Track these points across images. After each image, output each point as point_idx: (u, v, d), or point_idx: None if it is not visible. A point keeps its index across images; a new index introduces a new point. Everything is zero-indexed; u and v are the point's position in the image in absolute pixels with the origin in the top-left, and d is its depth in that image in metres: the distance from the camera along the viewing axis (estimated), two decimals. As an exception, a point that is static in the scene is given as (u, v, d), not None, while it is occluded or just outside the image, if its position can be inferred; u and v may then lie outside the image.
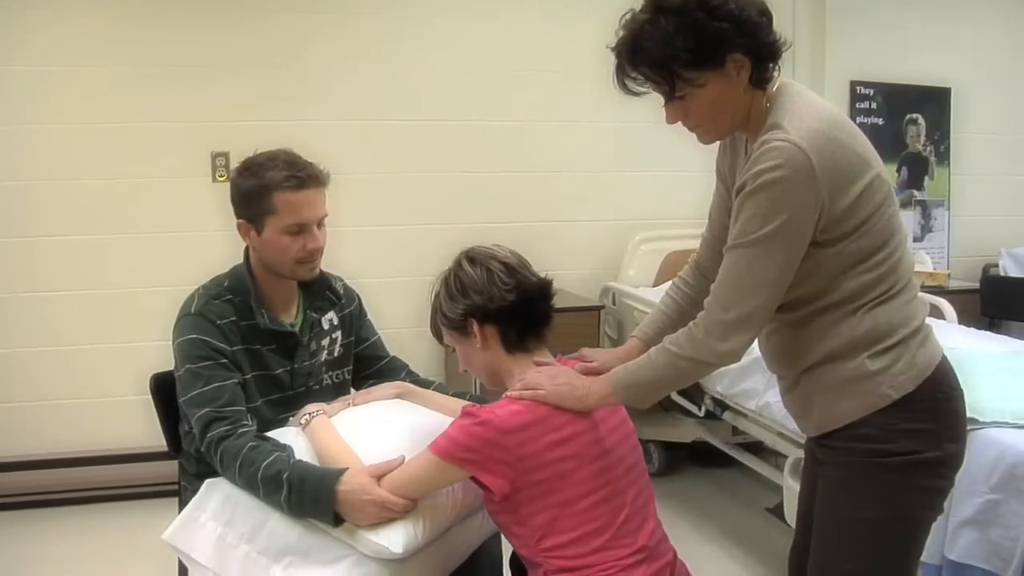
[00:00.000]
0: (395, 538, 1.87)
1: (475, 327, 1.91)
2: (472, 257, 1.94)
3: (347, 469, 1.91)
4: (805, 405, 1.86)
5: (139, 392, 2.61)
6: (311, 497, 1.90)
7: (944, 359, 1.79)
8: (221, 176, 4.15)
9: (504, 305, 1.89)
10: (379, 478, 1.89)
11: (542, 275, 1.98)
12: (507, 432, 1.77)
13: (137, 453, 4.12)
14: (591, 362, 2.00)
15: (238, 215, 2.24)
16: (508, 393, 1.85)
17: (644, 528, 1.88)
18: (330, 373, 2.43)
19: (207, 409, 2.10)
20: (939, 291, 4.35)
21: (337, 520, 1.89)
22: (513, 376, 1.93)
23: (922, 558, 1.87)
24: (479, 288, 1.90)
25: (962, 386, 1.80)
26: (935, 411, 1.74)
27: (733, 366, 3.37)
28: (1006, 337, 3.57)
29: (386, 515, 1.87)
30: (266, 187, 2.15)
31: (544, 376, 1.84)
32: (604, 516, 1.82)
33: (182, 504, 2.12)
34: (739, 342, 1.72)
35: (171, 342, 2.22)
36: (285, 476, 1.92)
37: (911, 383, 1.72)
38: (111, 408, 4.21)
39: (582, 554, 1.80)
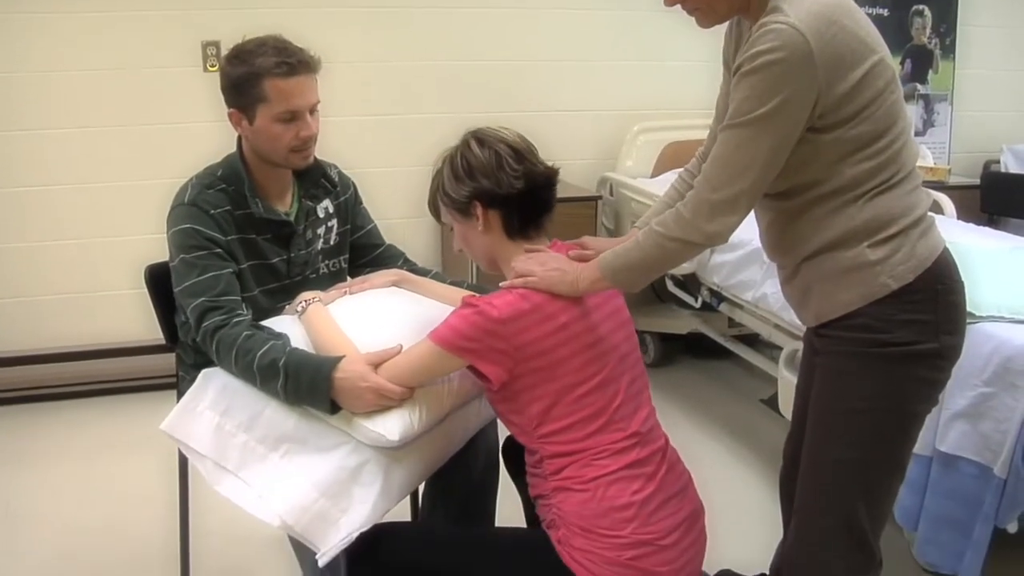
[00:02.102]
0: (391, 426, 1.88)
1: (479, 210, 1.90)
2: (481, 139, 1.92)
3: (344, 357, 1.91)
4: (804, 295, 1.85)
5: (134, 285, 2.60)
6: (308, 384, 1.90)
7: (946, 251, 1.78)
8: (212, 66, 4.07)
9: (512, 192, 1.89)
10: (376, 366, 1.90)
11: (548, 163, 1.96)
12: (504, 322, 1.77)
13: (135, 346, 4.13)
14: (589, 250, 1.99)
15: (229, 104, 2.20)
16: (501, 284, 1.85)
17: (637, 414, 1.90)
18: (326, 262, 2.42)
19: (202, 299, 2.09)
20: (939, 186, 4.31)
21: (334, 408, 1.90)
22: (510, 263, 1.93)
23: (914, 449, 1.89)
24: (487, 172, 1.88)
25: (963, 279, 1.79)
26: (934, 303, 1.73)
27: (730, 256, 3.45)
28: (1005, 233, 3.56)
29: (383, 403, 1.88)
30: (256, 74, 2.11)
31: (535, 262, 1.84)
32: (598, 402, 1.84)
33: (180, 395, 2.14)
34: (725, 223, 1.70)
35: (165, 233, 2.20)
36: (281, 364, 1.92)
37: (910, 273, 1.71)
38: (108, 302, 4.21)
39: (577, 439, 1.83)
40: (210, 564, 2.81)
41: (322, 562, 1.86)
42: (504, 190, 1.88)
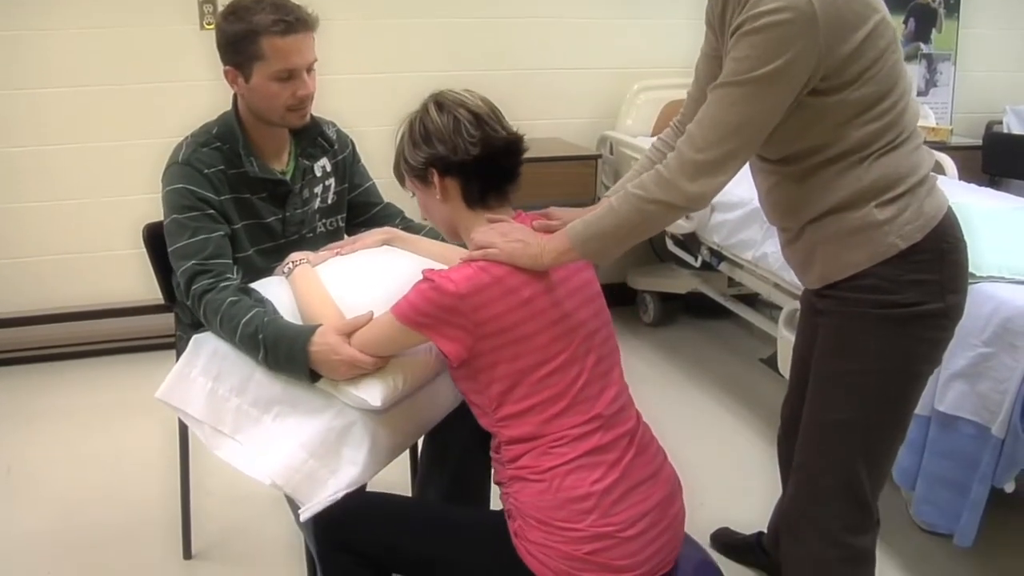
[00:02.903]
0: (373, 391, 1.88)
1: (436, 178, 1.84)
2: (440, 103, 1.85)
3: (319, 327, 1.90)
4: (808, 257, 1.83)
5: (133, 245, 2.59)
6: (285, 357, 1.91)
7: (950, 209, 1.77)
8: (209, 24, 4.02)
9: (467, 159, 1.81)
10: (349, 335, 1.88)
11: (513, 129, 1.88)
12: (462, 296, 1.71)
13: (134, 306, 4.14)
14: (555, 221, 1.91)
15: (225, 62, 2.17)
16: (460, 257, 1.79)
17: (603, 396, 1.82)
18: (324, 221, 2.40)
19: (192, 262, 2.08)
20: (941, 147, 4.28)
21: (314, 376, 1.91)
22: (470, 233, 1.86)
23: (913, 409, 1.89)
24: (443, 137, 1.81)
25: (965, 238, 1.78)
26: (940, 262, 1.72)
27: (731, 216, 3.44)
28: (1006, 194, 3.54)
29: (357, 372, 1.88)
30: (253, 32, 2.08)
31: (496, 233, 1.77)
32: (560, 383, 1.77)
33: (179, 354, 2.14)
34: (709, 185, 1.65)
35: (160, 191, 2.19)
36: (261, 337, 1.93)
37: (918, 233, 1.70)
38: (106, 262, 4.20)
39: (536, 423, 1.77)
40: (211, 524, 2.83)
41: (303, 517, 1.87)
42: (459, 156, 1.81)
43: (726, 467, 3.10)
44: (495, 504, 1.96)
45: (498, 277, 1.74)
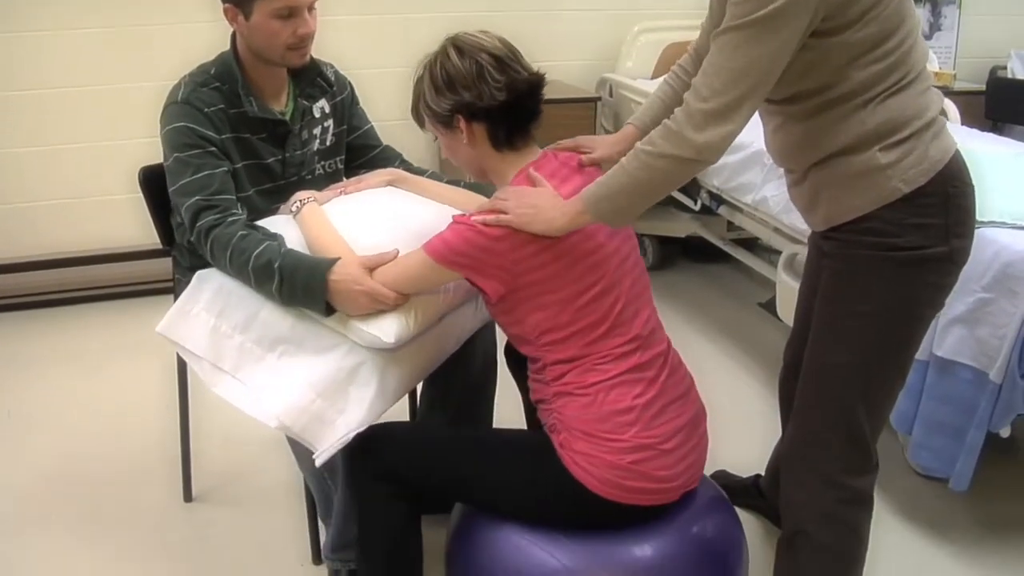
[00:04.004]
0: (387, 328, 1.88)
1: (463, 124, 1.84)
2: (459, 47, 1.83)
3: (339, 259, 1.89)
4: (813, 199, 1.82)
5: (129, 190, 2.57)
6: (302, 286, 1.89)
7: (957, 153, 1.75)
8: (207, -40, 3.97)
9: (494, 104, 1.81)
10: (372, 270, 1.88)
11: (533, 68, 1.88)
12: (499, 238, 1.74)
13: (131, 251, 4.13)
14: (589, 151, 1.95)
15: (225, -1, 2.14)
16: (473, 216, 1.78)
17: (638, 317, 1.88)
18: (322, 162, 2.39)
19: (196, 198, 2.07)
20: (944, 92, 4.22)
21: (329, 310, 1.89)
22: (499, 173, 1.89)
23: (912, 354, 1.89)
24: (467, 84, 1.80)
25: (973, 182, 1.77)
26: (945, 206, 1.71)
27: (731, 159, 3.42)
28: (1009, 139, 3.52)
29: (377, 307, 1.87)
30: None
31: (513, 198, 1.76)
32: (600, 309, 1.82)
33: (177, 297, 2.13)
34: (718, 134, 1.60)
35: (158, 134, 2.17)
36: (276, 265, 1.91)
37: (922, 177, 1.68)
38: (103, 207, 4.18)
39: (579, 346, 1.82)
40: (211, 466, 2.84)
41: (319, 462, 1.88)
42: (487, 102, 1.80)
43: (723, 410, 3.10)
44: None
45: None
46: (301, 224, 2.06)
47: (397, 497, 1.89)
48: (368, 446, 1.89)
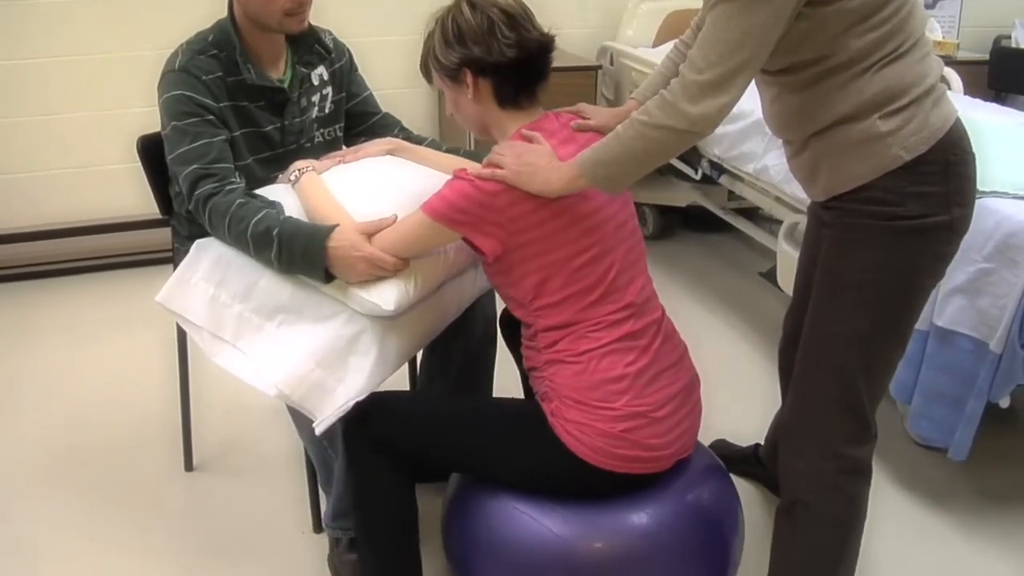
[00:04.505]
0: (387, 295, 1.87)
1: (469, 78, 1.83)
2: (472, 2, 1.83)
3: (337, 226, 1.89)
4: (813, 169, 1.81)
5: (128, 159, 2.56)
6: (301, 253, 1.89)
7: (958, 121, 1.74)
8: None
9: (503, 60, 1.81)
10: (370, 236, 1.88)
11: (544, 29, 1.88)
12: (496, 193, 1.74)
13: (131, 221, 4.12)
14: (588, 119, 1.95)
15: (221, -37, 2.13)
16: (469, 172, 1.78)
17: (632, 285, 1.88)
18: (321, 130, 2.38)
19: (194, 166, 2.06)
20: (947, 61, 4.20)
21: (328, 277, 1.89)
22: (501, 130, 1.89)
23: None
24: (478, 38, 1.80)
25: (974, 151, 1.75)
26: (946, 174, 1.70)
27: (732, 128, 3.40)
28: (1012, 109, 3.50)
29: (376, 273, 1.87)
30: None
31: (511, 155, 1.76)
32: (594, 274, 1.82)
33: (176, 267, 2.12)
34: (713, 105, 1.59)
35: (156, 103, 2.15)
36: (275, 232, 1.90)
37: (923, 144, 1.67)
38: (101, 177, 4.16)
39: (572, 311, 1.82)
40: (211, 435, 2.85)
41: (318, 431, 1.88)
42: (495, 58, 1.81)
43: (723, 379, 3.11)
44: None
45: None
46: (299, 193, 2.05)
47: (393, 467, 1.90)
48: (364, 416, 1.89)
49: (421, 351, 2.36)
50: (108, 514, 2.52)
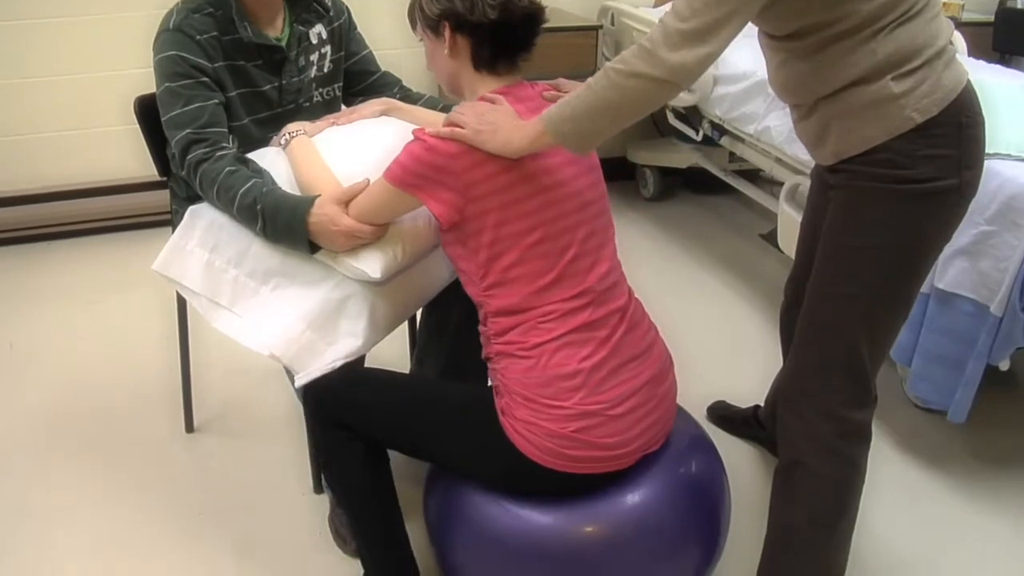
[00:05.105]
0: (373, 263, 1.88)
1: (448, 32, 1.78)
2: None
3: (317, 198, 1.88)
4: (822, 132, 1.78)
5: (126, 121, 2.54)
6: (284, 228, 1.90)
7: (969, 83, 1.71)
8: None
9: (483, 21, 1.75)
10: (347, 203, 1.86)
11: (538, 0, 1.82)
12: (453, 156, 1.69)
13: (130, 184, 4.10)
14: (565, 91, 1.85)
15: (218, -80, 2.09)
16: (427, 130, 1.73)
17: (593, 271, 1.81)
18: (320, 90, 2.35)
19: (187, 131, 2.04)
20: (951, 22, 4.18)
21: (313, 248, 1.90)
22: (472, 92, 1.83)
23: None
24: None
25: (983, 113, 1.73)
26: (957, 136, 1.68)
27: (734, 88, 3.38)
28: (1017, 71, 3.47)
29: (356, 242, 1.87)
30: None
31: (471, 114, 1.71)
32: (549, 255, 1.76)
33: (175, 228, 2.12)
34: (693, 56, 1.52)
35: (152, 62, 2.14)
36: (259, 208, 1.91)
37: (935, 107, 1.65)
38: (99, 139, 4.12)
39: (522, 294, 1.76)
40: (212, 397, 2.86)
41: (297, 383, 1.90)
42: (476, 17, 1.75)
43: (724, 341, 3.12)
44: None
45: None
46: (289, 158, 2.05)
47: (353, 438, 1.88)
48: (326, 395, 1.88)
49: (421, 311, 2.35)
50: (109, 476, 2.53)
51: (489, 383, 1.88)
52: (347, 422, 1.87)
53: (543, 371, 1.74)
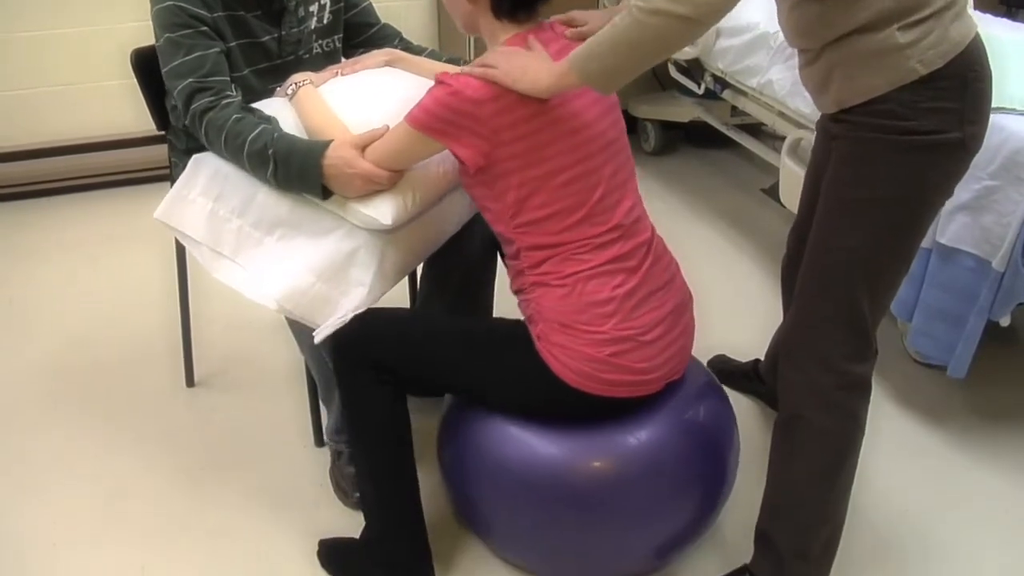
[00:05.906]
0: (384, 209, 1.87)
1: None
2: None
3: (332, 141, 1.86)
4: (826, 79, 1.76)
5: (123, 75, 2.51)
6: (298, 172, 1.87)
7: (977, 37, 1.69)
8: None
9: None
10: (364, 148, 1.85)
11: None
12: (480, 102, 1.68)
13: (128, 138, 4.07)
14: (582, 25, 1.86)
15: None
16: (462, 68, 1.73)
17: (620, 206, 1.83)
18: (320, 41, 2.33)
19: (189, 80, 2.02)
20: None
21: (326, 193, 1.88)
22: (491, 35, 1.81)
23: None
24: None
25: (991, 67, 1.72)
26: (963, 90, 1.66)
27: (736, 41, 3.35)
28: (1023, 24, 3.44)
29: (372, 187, 1.86)
30: None
31: (501, 56, 1.70)
32: (579, 193, 1.77)
33: (174, 182, 2.10)
34: None
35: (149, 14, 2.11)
36: (271, 152, 1.88)
37: (940, 59, 1.63)
38: (96, 93, 4.09)
39: (554, 231, 1.78)
40: (212, 351, 2.86)
41: (317, 339, 1.89)
42: None
43: (724, 295, 3.12)
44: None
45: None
46: (297, 107, 2.02)
47: (382, 382, 1.89)
48: (352, 333, 1.89)
49: (421, 266, 2.35)
50: (111, 430, 2.53)
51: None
52: (375, 357, 1.88)
53: (579, 298, 1.78)
